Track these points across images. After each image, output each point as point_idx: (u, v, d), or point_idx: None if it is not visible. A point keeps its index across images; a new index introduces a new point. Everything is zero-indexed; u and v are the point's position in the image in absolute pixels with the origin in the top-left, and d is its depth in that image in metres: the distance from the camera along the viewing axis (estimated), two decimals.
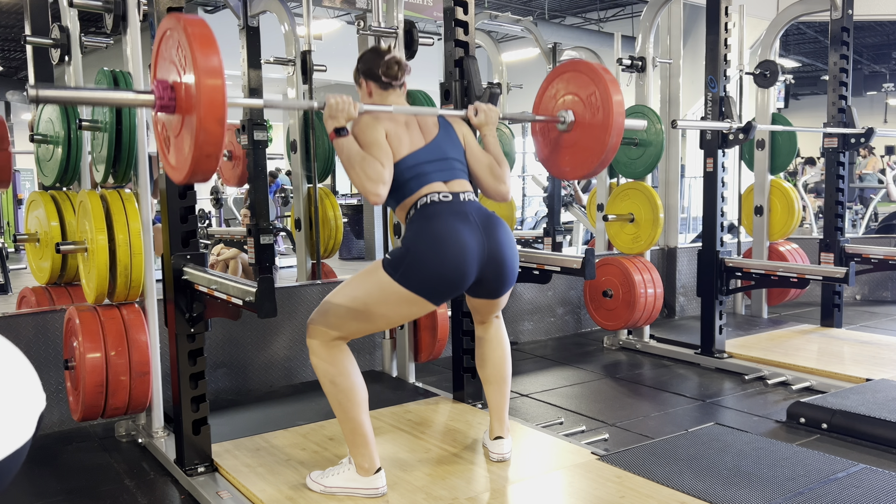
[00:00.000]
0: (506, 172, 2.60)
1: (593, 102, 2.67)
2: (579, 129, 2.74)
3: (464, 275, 2.33)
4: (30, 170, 15.24)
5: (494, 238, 2.39)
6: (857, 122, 4.86)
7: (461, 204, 2.40)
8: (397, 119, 2.46)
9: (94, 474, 2.86)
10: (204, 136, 1.84)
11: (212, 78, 1.80)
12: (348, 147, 2.32)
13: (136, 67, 2.98)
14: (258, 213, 4.67)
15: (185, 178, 1.98)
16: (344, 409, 2.38)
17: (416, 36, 3.68)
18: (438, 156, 2.47)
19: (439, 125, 2.55)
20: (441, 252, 2.29)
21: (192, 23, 1.85)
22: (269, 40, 4.72)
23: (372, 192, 2.29)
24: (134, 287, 2.97)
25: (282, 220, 9.03)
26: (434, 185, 2.42)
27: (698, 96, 9.73)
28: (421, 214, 2.38)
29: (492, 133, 2.65)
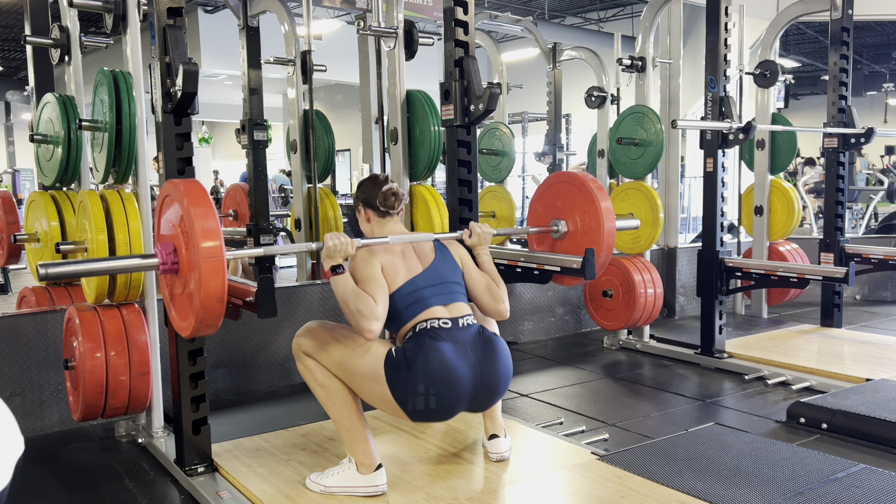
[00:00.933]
0: (503, 292, 2.65)
1: (584, 212, 2.91)
2: (573, 237, 2.97)
3: (451, 413, 2.38)
4: (30, 170, 15.25)
5: (492, 366, 2.41)
6: (857, 122, 4.86)
7: (460, 331, 2.41)
8: (393, 249, 2.51)
9: (94, 474, 2.86)
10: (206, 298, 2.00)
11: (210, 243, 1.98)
12: (343, 285, 2.36)
13: (136, 67, 2.98)
14: (258, 213, 4.67)
15: (191, 334, 2.13)
16: (337, 409, 2.40)
17: (416, 36, 3.69)
18: (437, 280, 2.51)
19: (435, 249, 2.60)
20: (436, 390, 2.30)
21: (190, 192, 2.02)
22: (269, 40, 4.71)
23: (366, 329, 2.31)
24: (134, 287, 2.97)
25: (282, 220, 9.03)
26: (434, 311, 2.44)
27: (698, 96, 9.74)
28: (419, 336, 2.38)
29: (486, 252, 2.74)
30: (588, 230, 2.91)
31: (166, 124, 2.62)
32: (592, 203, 2.88)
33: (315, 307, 4.07)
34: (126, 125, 2.94)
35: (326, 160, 4.70)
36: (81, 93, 3.45)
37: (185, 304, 2.11)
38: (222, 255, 1.98)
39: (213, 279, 1.97)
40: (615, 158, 4.86)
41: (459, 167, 3.21)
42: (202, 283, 1.97)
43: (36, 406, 3.30)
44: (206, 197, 2.03)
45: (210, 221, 1.98)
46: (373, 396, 2.37)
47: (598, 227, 2.87)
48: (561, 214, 3.02)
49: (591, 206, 2.89)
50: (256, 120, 4.54)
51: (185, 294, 2.09)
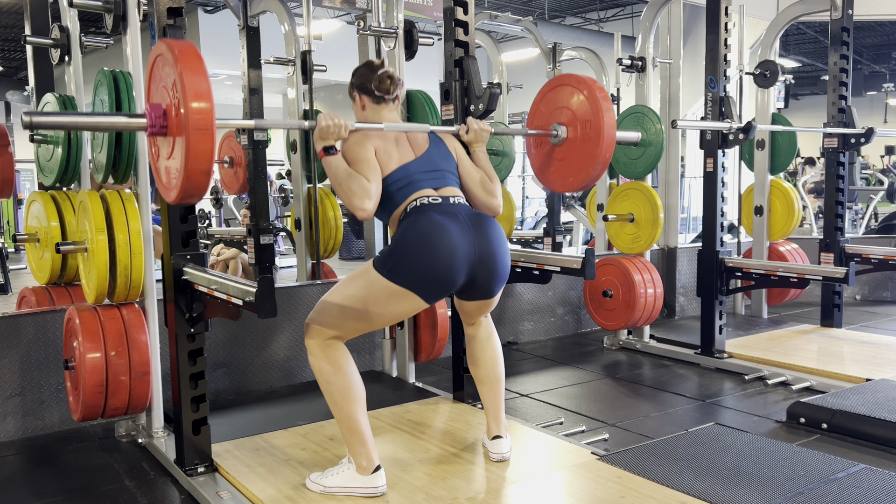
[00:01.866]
0: (497, 187, 2.63)
1: (586, 119, 2.74)
2: (571, 144, 2.80)
3: (452, 269, 2.34)
4: (30, 170, 15.24)
5: (485, 236, 2.41)
6: (857, 122, 4.86)
7: (450, 206, 2.43)
8: (387, 136, 2.49)
9: (94, 474, 2.86)
10: (194, 160, 1.90)
11: (200, 102, 1.86)
12: (335, 165, 2.35)
13: (136, 67, 2.98)
14: (258, 213, 4.67)
15: (177, 198, 2.04)
16: (341, 407, 2.39)
17: (416, 36, 3.69)
18: (430, 167, 2.50)
19: (430, 141, 2.58)
20: (429, 246, 2.31)
21: (182, 50, 1.91)
22: (269, 40, 4.72)
23: (358, 207, 2.31)
24: (134, 287, 2.97)
25: (282, 220, 9.03)
26: (424, 191, 2.44)
27: (698, 96, 9.74)
28: (409, 215, 2.40)
29: (482, 150, 2.70)
30: (588, 139, 2.73)
31: None
32: (597, 111, 2.70)
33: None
34: None
35: None
36: (81, 93, 3.45)
37: (173, 168, 2.02)
38: (212, 120, 1.89)
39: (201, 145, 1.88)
40: (615, 158, 4.85)
41: None
42: (190, 151, 1.88)
43: (36, 406, 3.30)
44: (199, 59, 1.93)
45: (202, 83, 1.89)
46: (387, 310, 2.36)
47: (598, 138, 2.69)
48: (562, 119, 2.85)
49: (594, 115, 2.71)
50: None
51: (173, 157, 2.01)
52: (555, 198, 6.35)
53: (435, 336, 3.70)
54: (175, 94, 1.92)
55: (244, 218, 7.67)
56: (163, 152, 2.08)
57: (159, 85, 2.05)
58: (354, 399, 2.40)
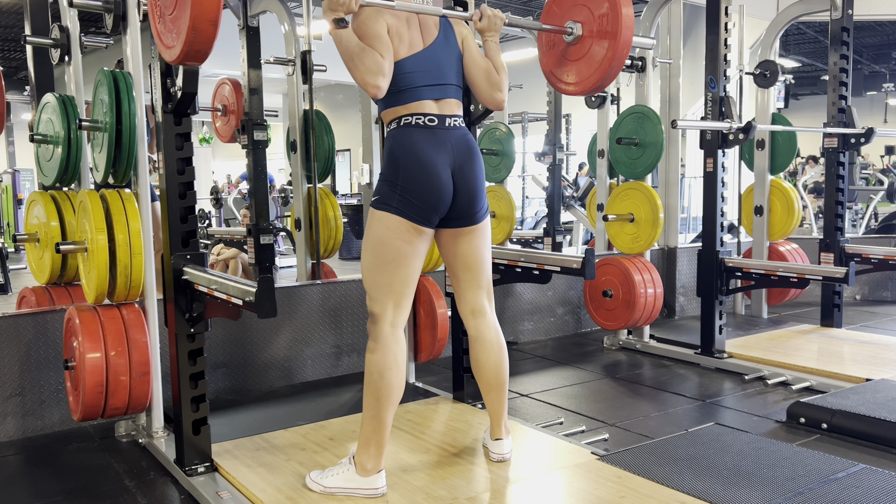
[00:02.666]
0: (504, 80, 2.56)
1: (603, 16, 2.64)
2: (586, 42, 2.70)
3: (439, 186, 2.38)
4: (30, 170, 15.25)
5: (468, 165, 2.45)
6: (857, 122, 4.87)
7: (445, 131, 2.43)
8: (399, 15, 2.42)
9: (94, 474, 2.86)
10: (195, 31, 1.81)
11: None
12: (347, 39, 2.30)
13: (136, 67, 2.98)
14: (258, 213, 4.67)
15: (180, 56, 1.94)
16: (381, 404, 2.36)
17: None
18: (433, 66, 2.45)
19: (440, 27, 2.51)
20: (414, 171, 2.35)
21: None
22: (269, 40, 4.71)
23: (371, 84, 2.27)
24: (134, 287, 2.97)
25: (282, 220, 9.03)
26: (424, 104, 2.42)
27: (698, 96, 9.74)
28: (403, 132, 2.41)
29: (494, 40, 2.61)
30: (604, 35, 2.64)
31: (166, 124, 2.62)
32: (615, 5, 2.61)
33: (315, 307, 4.07)
34: (126, 125, 2.94)
35: (326, 160, 4.70)
36: (81, 93, 3.45)
37: (174, 25, 1.94)
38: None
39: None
40: (615, 158, 4.86)
41: None
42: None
43: (36, 406, 3.30)
44: None
45: None
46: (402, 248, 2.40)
47: (616, 33, 2.59)
48: (577, 16, 2.74)
49: (612, 9, 2.62)
50: (256, 120, 4.54)
51: (176, 14, 1.93)
52: (555, 198, 6.35)
53: (435, 336, 3.70)
54: None
55: (244, 218, 7.67)
56: (165, 9, 2.00)
57: None
58: (393, 403, 2.38)
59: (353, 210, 9.76)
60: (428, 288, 3.71)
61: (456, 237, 2.56)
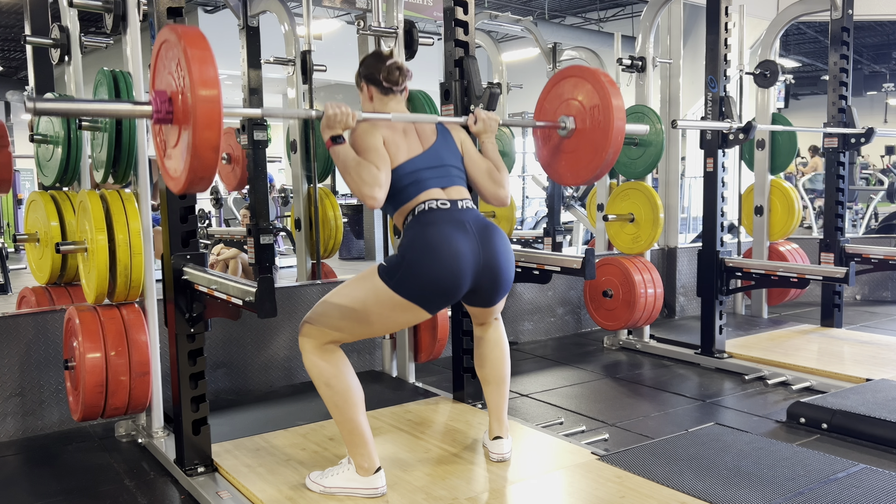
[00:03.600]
0: (505, 177, 2.60)
1: (594, 108, 2.70)
2: (580, 135, 2.76)
3: (458, 283, 2.33)
4: (30, 170, 15.24)
5: (490, 247, 2.39)
6: (857, 122, 4.86)
7: (459, 212, 2.40)
8: (395, 126, 2.47)
9: (94, 474, 2.86)
10: (200, 148, 1.86)
11: (208, 89, 1.83)
12: (344, 153, 2.33)
13: (136, 67, 2.98)
14: (258, 213, 4.67)
15: (183, 188, 2.00)
16: (340, 410, 2.38)
17: (416, 36, 3.68)
18: (436, 163, 2.48)
19: (437, 132, 2.56)
20: (436, 260, 2.29)
21: (188, 35, 1.88)
22: (269, 40, 4.72)
23: (368, 196, 2.28)
24: (134, 287, 2.97)
25: (282, 220, 9.03)
26: (432, 192, 2.42)
27: (698, 96, 9.73)
28: (418, 221, 2.38)
29: (491, 140, 2.67)
30: (597, 127, 2.69)
31: None
32: (605, 98, 2.66)
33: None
34: (126, 125, 2.94)
35: (326, 160, 4.70)
36: (81, 93, 3.45)
37: (178, 157, 1.99)
38: (219, 108, 1.86)
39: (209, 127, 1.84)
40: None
41: None
42: (197, 139, 1.85)
43: (36, 406, 3.30)
44: (205, 43, 1.90)
45: (209, 69, 1.86)
46: (389, 319, 2.35)
47: (608, 125, 2.64)
48: (569, 111, 2.81)
49: (603, 102, 2.67)
50: (256, 120, 4.54)
51: (179, 146, 1.98)
52: (555, 198, 6.35)
53: (435, 336, 3.70)
54: (181, 79, 1.88)
55: (244, 218, 7.66)
56: (169, 141, 2.05)
57: (164, 72, 2.01)
58: (354, 402, 2.39)
59: (353, 210, 9.77)
60: None
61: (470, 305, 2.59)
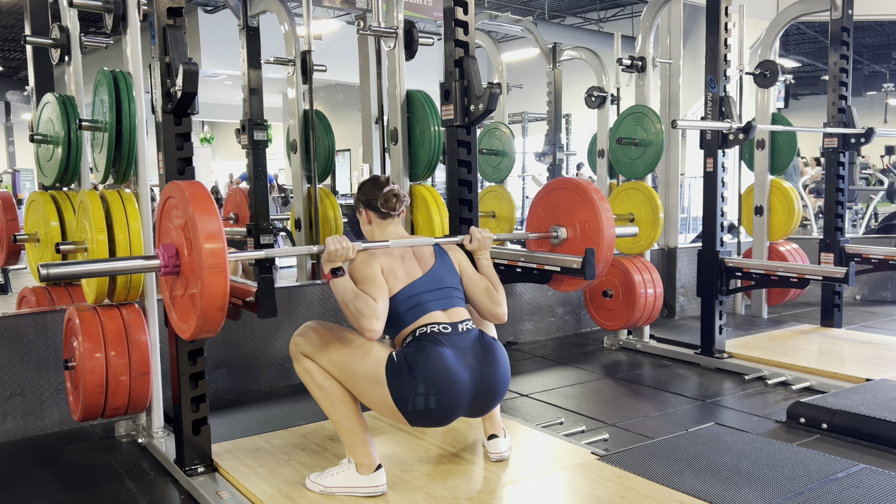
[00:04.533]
0: (502, 296, 2.64)
1: (583, 217, 2.92)
2: (572, 244, 2.97)
3: (450, 417, 2.39)
4: (30, 170, 15.25)
5: (489, 371, 2.41)
6: (857, 122, 4.86)
7: (459, 336, 2.42)
8: (392, 253, 2.52)
9: (94, 474, 2.86)
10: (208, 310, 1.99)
11: (212, 242, 1.97)
12: (343, 287, 2.37)
13: (135, 67, 2.98)
14: (258, 213, 4.67)
15: (192, 335, 2.12)
16: (336, 411, 2.40)
17: (416, 36, 3.69)
18: (436, 285, 2.52)
19: (436, 254, 2.61)
20: (437, 394, 2.30)
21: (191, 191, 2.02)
22: (269, 40, 4.71)
23: (367, 329, 2.31)
24: (134, 287, 2.97)
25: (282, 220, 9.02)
26: (433, 315, 2.44)
27: (698, 96, 9.73)
28: (421, 341, 2.37)
29: (486, 257, 2.75)
30: (588, 238, 2.93)
31: (166, 124, 2.62)
32: (594, 212, 2.89)
33: (315, 307, 4.07)
34: (126, 125, 2.94)
35: (326, 160, 4.70)
36: (81, 93, 3.45)
37: (186, 306, 2.11)
38: (225, 260, 1.98)
39: (215, 285, 1.97)
40: (615, 158, 4.86)
41: (459, 167, 3.21)
42: (204, 290, 1.97)
43: (36, 406, 3.30)
44: (209, 200, 2.02)
45: (213, 224, 1.98)
46: (372, 399, 2.37)
47: (598, 235, 2.88)
48: (561, 220, 3.04)
49: (591, 215, 2.90)
50: (256, 120, 4.54)
51: (186, 296, 2.09)
52: None
53: None
54: (187, 235, 2.00)
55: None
56: (176, 291, 2.16)
57: (170, 225, 2.13)
58: (348, 402, 2.41)
59: (353, 210, 9.75)
60: None
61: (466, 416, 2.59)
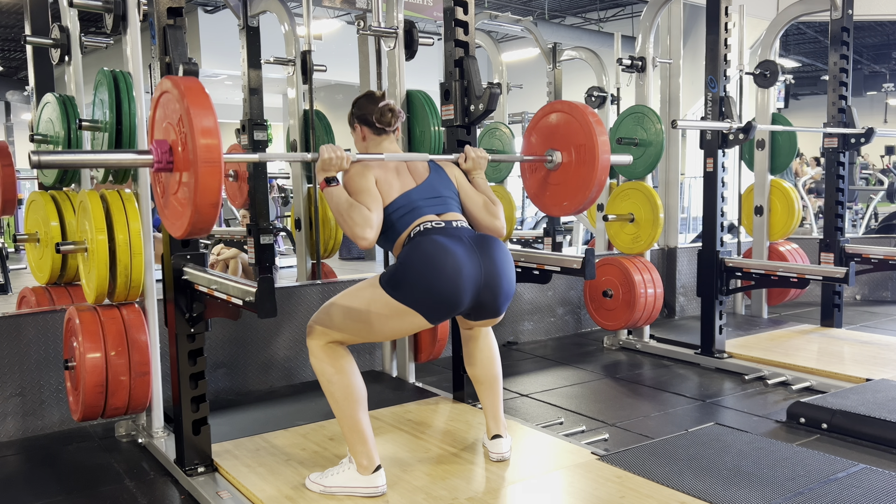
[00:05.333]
0: (500, 209, 2.64)
1: (580, 147, 2.79)
2: (566, 169, 2.85)
3: (458, 291, 2.33)
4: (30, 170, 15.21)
5: (490, 257, 2.40)
6: (857, 122, 4.87)
7: (454, 229, 2.43)
8: (387, 166, 2.51)
9: (94, 474, 2.86)
10: (201, 206, 1.93)
11: (208, 137, 1.89)
12: (337, 196, 2.37)
13: (135, 67, 2.98)
14: (258, 213, 4.67)
15: (184, 234, 2.06)
16: (342, 408, 2.40)
17: (416, 36, 3.68)
18: (431, 194, 2.52)
19: (430, 169, 2.60)
20: (434, 266, 2.30)
21: (187, 85, 1.95)
22: (269, 40, 4.71)
23: (360, 237, 2.32)
24: (134, 287, 2.97)
25: (282, 220, 9.03)
26: (427, 217, 2.46)
27: (698, 96, 9.73)
28: (416, 237, 2.41)
29: (481, 176, 2.72)
30: (583, 162, 2.78)
31: None
32: (590, 136, 2.74)
33: (315, 307, 4.07)
34: (126, 125, 2.94)
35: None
36: (81, 93, 3.45)
37: (179, 204, 2.05)
38: (220, 156, 1.91)
39: (209, 180, 1.90)
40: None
41: None
42: (199, 186, 1.91)
43: (36, 406, 3.30)
44: (205, 95, 1.95)
45: (209, 120, 1.91)
46: (391, 326, 2.37)
47: (594, 161, 2.74)
48: (556, 145, 2.88)
49: (588, 139, 2.76)
50: (256, 120, 4.54)
51: (180, 194, 2.03)
52: None
53: (435, 336, 3.70)
54: (182, 129, 1.95)
55: (244, 218, 7.66)
56: (169, 188, 2.11)
57: (164, 122, 2.08)
58: (356, 400, 2.40)
59: None
60: None
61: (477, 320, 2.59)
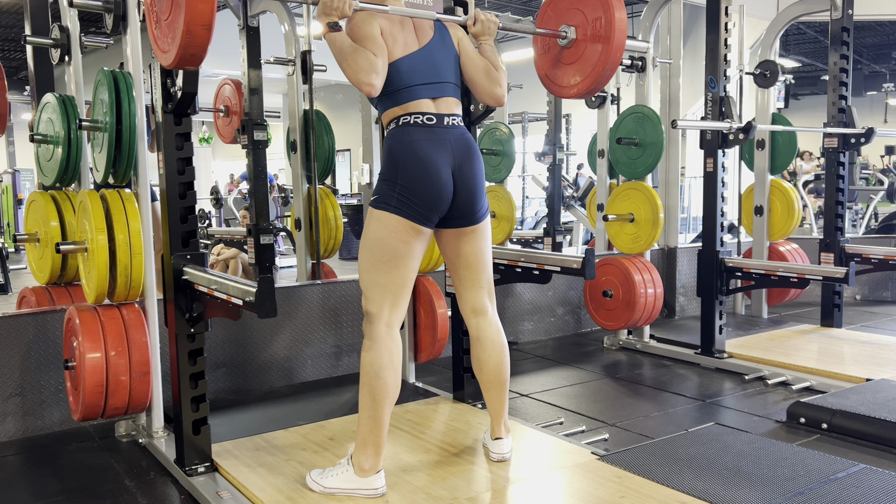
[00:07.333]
0: (503, 76, 2.57)
1: (596, 21, 2.69)
2: (580, 46, 2.75)
3: (440, 190, 2.39)
4: (30, 170, 15.24)
5: (467, 164, 2.45)
6: (857, 122, 4.87)
7: (443, 130, 2.44)
8: (392, 19, 2.44)
9: (94, 474, 2.86)
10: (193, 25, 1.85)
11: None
12: (341, 40, 2.31)
13: (136, 67, 2.98)
14: (258, 213, 4.67)
15: (173, 63, 1.99)
16: (377, 404, 2.37)
17: None
18: (430, 65, 2.47)
19: (435, 28, 2.53)
20: (414, 170, 2.36)
21: None
22: (269, 40, 4.71)
23: (366, 83, 2.28)
24: (134, 287, 2.97)
25: (282, 220, 9.03)
26: (422, 104, 2.43)
27: (698, 96, 9.74)
28: (402, 134, 2.41)
29: (489, 43, 2.64)
30: (598, 38, 2.69)
31: (166, 124, 2.62)
32: (608, 9, 2.66)
33: (315, 307, 4.07)
34: (126, 125, 2.94)
35: (326, 160, 4.70)
36: (81, 93, 3.45)
37: (171, 27, 2.00)
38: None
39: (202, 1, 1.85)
40: (615, 158, 4.86)
41: None
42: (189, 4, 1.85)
43: (36, 406, 3.30)
44: None
45: None
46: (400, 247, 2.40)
47: (609, 38, 2.63)
48: (571, 20, 2.79)
49: (605, 13, 2.67)
50: (256, 120, 4.54)
51: (171, 18, 1.98)
52: (555, 198, 6.35)
53: (435, 336, 3.70)
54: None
55: (244, 218, 7.66)
56: (161, 13, 2.05)
57: None
58: (390, 402, 2.39)
59: (353, 210, 9.77)
60: (428, 288, 3.71)
61: (457, 237, 2.57)
